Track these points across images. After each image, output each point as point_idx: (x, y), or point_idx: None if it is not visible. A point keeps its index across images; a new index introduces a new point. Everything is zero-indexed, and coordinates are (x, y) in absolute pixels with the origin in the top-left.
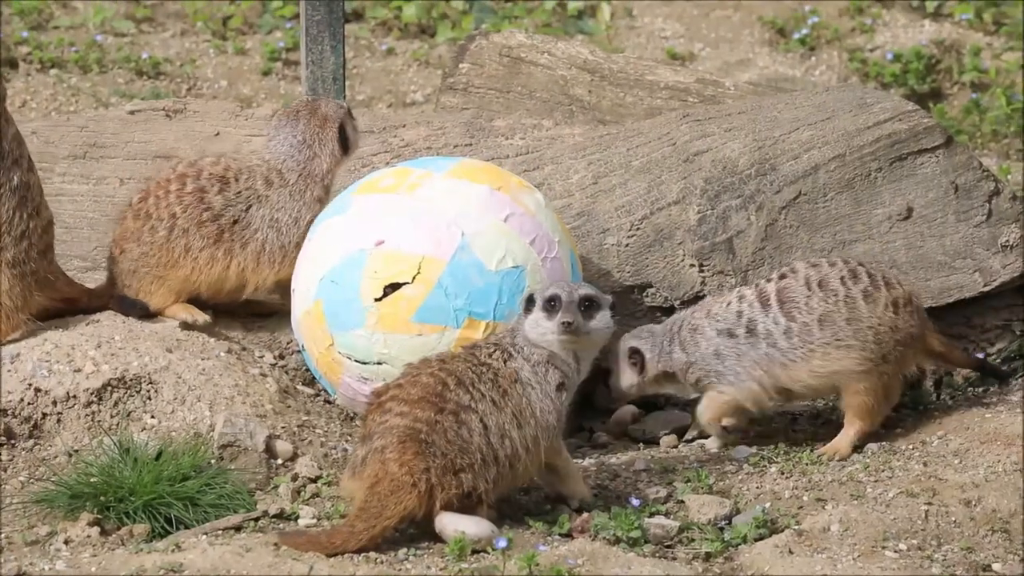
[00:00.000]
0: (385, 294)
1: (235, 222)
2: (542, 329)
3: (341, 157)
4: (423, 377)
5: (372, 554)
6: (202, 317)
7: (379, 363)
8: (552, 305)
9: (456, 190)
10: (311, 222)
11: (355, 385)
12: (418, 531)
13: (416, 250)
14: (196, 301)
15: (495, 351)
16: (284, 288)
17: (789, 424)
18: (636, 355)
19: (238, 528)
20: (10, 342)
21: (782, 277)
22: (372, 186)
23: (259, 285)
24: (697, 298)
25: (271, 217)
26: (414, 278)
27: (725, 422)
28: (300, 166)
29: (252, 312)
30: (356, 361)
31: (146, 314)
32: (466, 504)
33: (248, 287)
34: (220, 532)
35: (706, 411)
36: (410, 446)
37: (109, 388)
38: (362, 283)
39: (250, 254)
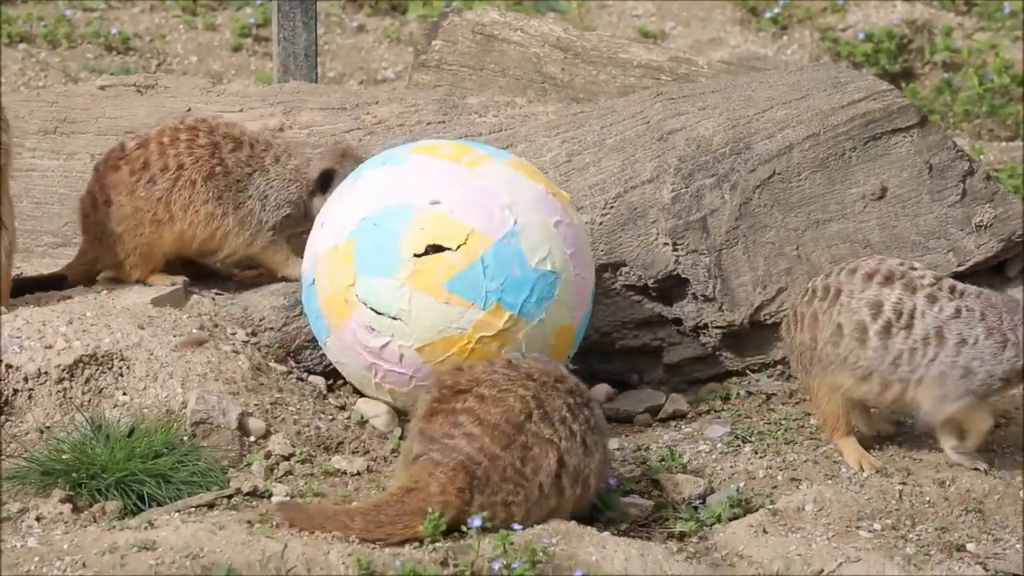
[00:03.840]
0: (425, 253)
1: (237, 182)
2: None
3: (315, 193)
4: (511, 399)
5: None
6: (180, 279)
7: (395, 318)
8: None
9: (515, 180)
10: (285, 219)
11: (359, 333)
12: None
13: (467, 220)
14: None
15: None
16: (248, 264)
17: (764, 403)
18: None
19: (211, 505)
20: None
21: None
22: (431, 149)
23: (231, 252)
24: (670, 277)
25: (263, 190)
26: (459, 247)
27: None
28: (297, 163)
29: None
30: (372, 309)
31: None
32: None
33: (222, 252)
34: (193, 509)
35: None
36: (461, 477)
37: (81, 364)
38: (405, 234)
39: (237, 218)
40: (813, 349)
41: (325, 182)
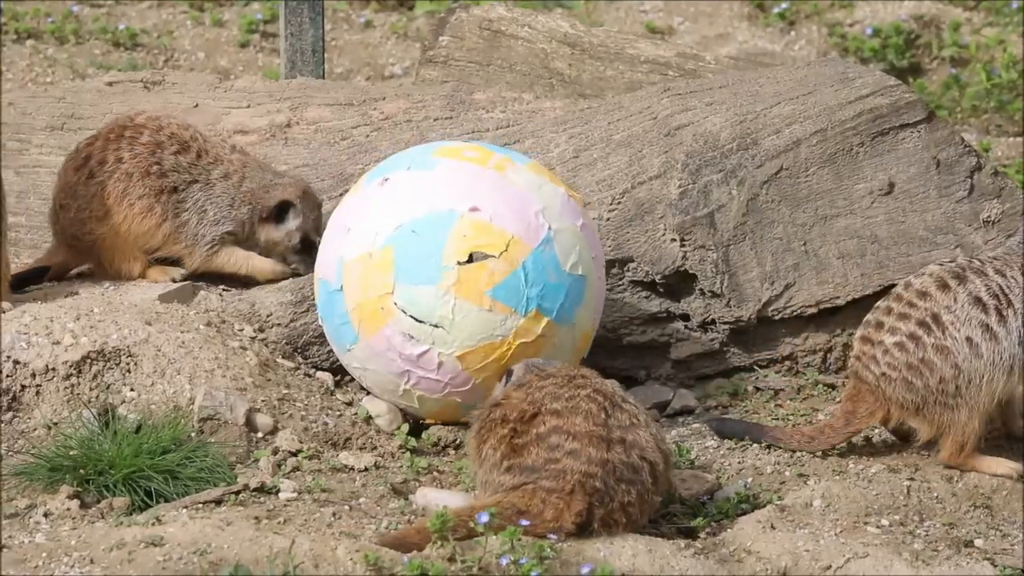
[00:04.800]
0: (468, 260)
1: (174, 190)
2: None
3: (268, 221)
4: (581, 402)
5: (353, 529)
6: (179, 272)
7: (436, 326)
8: None
9: (541, 185)
10: (226, 234)
11: (395, 340)
12: (398, 505)
13: (507, 228)
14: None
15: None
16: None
17: (772, 399)
18: None
19: (218, 502)
20: None
21: None
22: (455, 153)
23: (174, 255)
24: (677, 273)
25: (202, 204)
26: (501, 254)
27: None
28: (253, 186)
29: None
30: (412, 317)
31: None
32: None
33: (163, 249)
34: (200, 505)
35: None
36: (579, 499)
37: (88, 361)
38: (448, 243)
39: (174, 225)
40: (957, 376)
41: (281, 214)
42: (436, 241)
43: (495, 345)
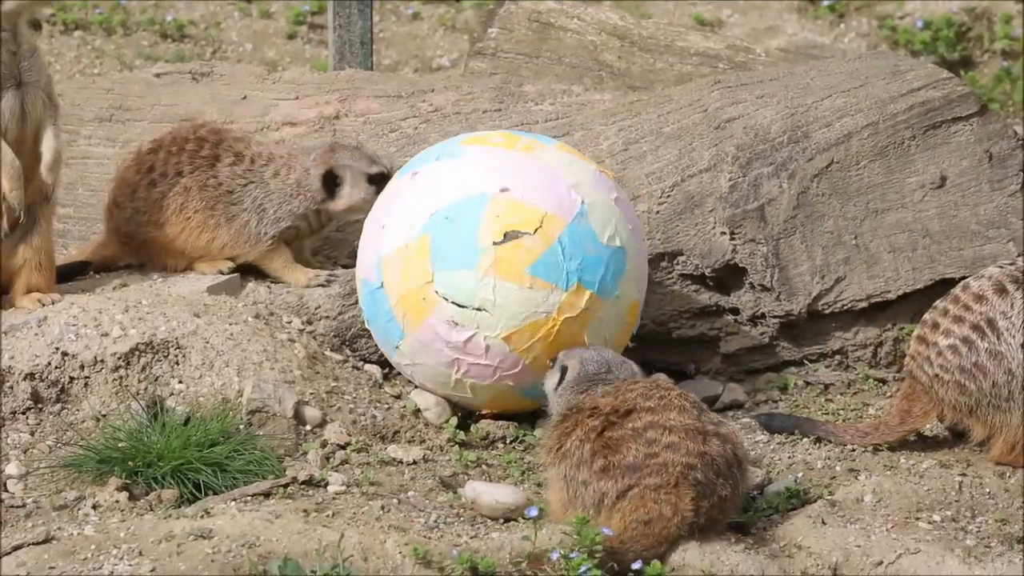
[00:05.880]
0: (504, 240)
1: (230, 192)
2: None
3: (324, 199)
4: (673, 398)
5: (402, 522)
6: (227, 265)
7: (479, 309)
8: None
9: (570, 162)
10: (288, 230)
11: (440, 329)
12: (447, 498)
13: (539, 205)
14: None
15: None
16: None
17: (821, 393)
18: None
19: (267, 494)
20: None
21: None
22: (482, 140)
23: (238, 258)
24: (727, 266)
25: (261, 203)
26: (536, 231)
27: None
28: (297, 175)
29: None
30: (454, 303)
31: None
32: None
33: (222, 256)
34: (249, 498)
35: None
36: (685, 488)
37: (137, 352)
38: (481, 225)
39: (232, 229)
40: (1010, 382)
41: (330, 186)
42: (470, 224)
43: (540, 323)
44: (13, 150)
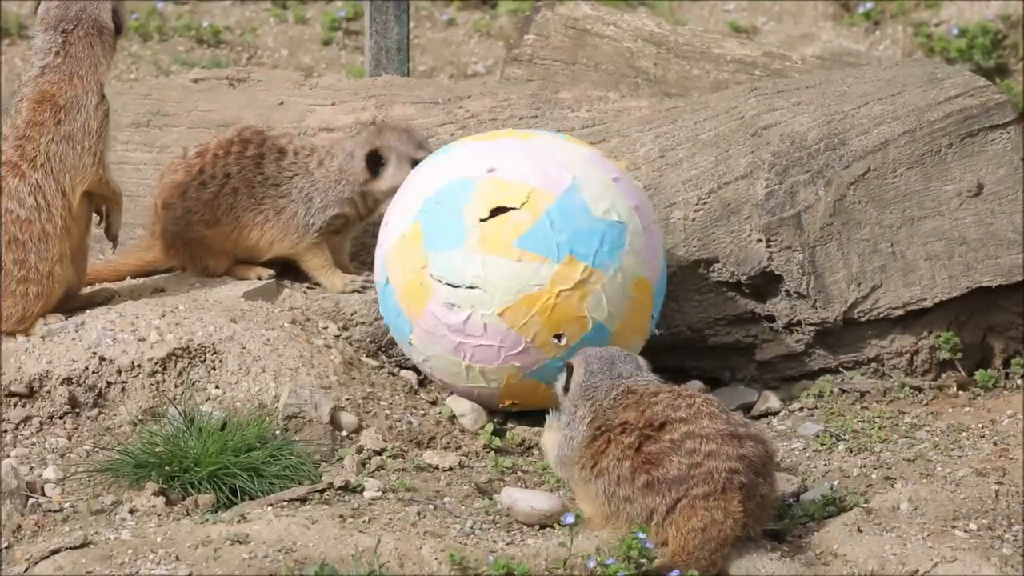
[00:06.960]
0: (490, 216)
1: (277, 186)
2: None
3: (367, 180)
4: (703, 408)
5: (438, 528)
6: (266, 272)
7: (472, 287)
8: None
9: (567, 147)
10: (335, 218)
11: (439, 312)
12: (482, 504)
13: (527, 181)
14: None
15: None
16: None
17: (857, 401)
18: None
19: (303, 500)
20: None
21: None
22: (483, 137)
23: (279, 253)
24: (763, 274)
25: (308, 193)
26: (522, 205)
27: None
28: (339, 161)
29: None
30: (448, 284)
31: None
32: None
33: (268, 254)
34: (285, 503)
35: None
36: (732, 493)
37: (173, 357)
38: (468, 205)
39: (280, 221)
40: None
41: (373, 165)
42: (457, 205)
43: (535, 296)
44: None
